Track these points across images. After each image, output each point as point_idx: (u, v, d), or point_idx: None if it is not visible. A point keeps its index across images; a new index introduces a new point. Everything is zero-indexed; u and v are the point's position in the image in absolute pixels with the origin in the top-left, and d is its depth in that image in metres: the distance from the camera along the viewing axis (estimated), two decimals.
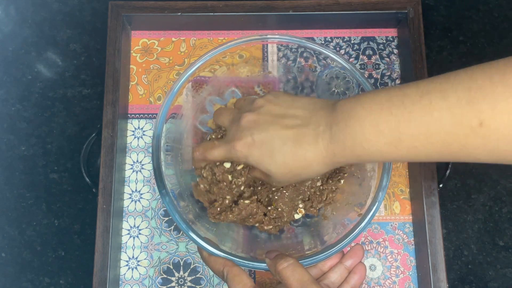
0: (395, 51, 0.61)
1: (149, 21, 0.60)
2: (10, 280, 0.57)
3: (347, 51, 0.61)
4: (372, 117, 0.37)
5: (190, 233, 0.45)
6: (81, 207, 0.59)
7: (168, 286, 0.55)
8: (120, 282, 0.55)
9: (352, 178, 0.52)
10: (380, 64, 0.61)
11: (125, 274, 0.55)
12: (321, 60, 0.51)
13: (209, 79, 0.53)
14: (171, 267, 0.56)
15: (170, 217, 0.57)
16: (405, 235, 0.56)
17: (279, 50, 0.59)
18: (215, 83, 0.54)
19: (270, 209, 0.50)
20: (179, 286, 0.55)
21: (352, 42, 0.61)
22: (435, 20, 0.64)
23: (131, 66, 0.61)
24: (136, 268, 0.56)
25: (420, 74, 0.56)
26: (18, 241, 0.58)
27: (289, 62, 0.56)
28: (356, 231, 0.45)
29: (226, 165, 0.49)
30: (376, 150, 0.37)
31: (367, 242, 0.56)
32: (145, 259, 0.56)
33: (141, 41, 0.62)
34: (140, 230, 0.56)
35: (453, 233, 0.58)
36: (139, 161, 0.58)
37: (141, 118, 0.59)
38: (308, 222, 0.53)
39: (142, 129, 0.59)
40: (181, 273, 0.56)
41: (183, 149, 0.52)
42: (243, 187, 0.49)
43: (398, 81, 0.60)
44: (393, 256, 0.55)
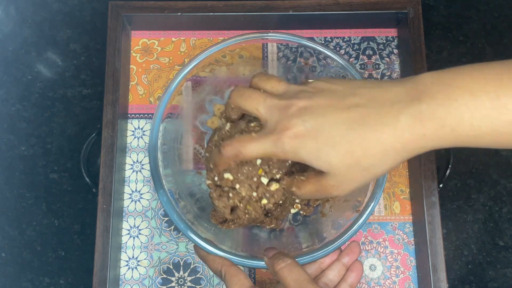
0: (395, 51, 0.61)
1: (149, 21, 0.60)
2: (10, 280, 0.57)
3: (347, 51, 0.61)
4: (490, 88, 0.30)
5: (189, 233, 0.45)
6: (81, 207, 0.59)
7: (168, 286, 0.55)
8: (120, 282, 0.55)
9: None
10: (380, 64, 0.61)
11: (125, 274, 0.55)
12: (321, 60, 0.51)
13: (209, 78, 0.53)
14: (171, 267, 0.56)
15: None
16: (405, 235, 0.56)
17: (279, 49, 0.59)
18: (214, 83, 0.54)
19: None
20: (179, 286, 0.55)
21: (352, 42, 0.61)
22: (435, 20, 0.64)
23: (131, 66, 0.61)
24: (136, 268, 0.56)
25: None
26: (18, 241, 0.58)
27: (289, 61, 0.56)
28: (354, 227, 0.45)
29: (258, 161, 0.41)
30: (492, 130, 0.30)
31: (367, 242, 0.56)
32: (145, 259, 0.56)
33: (141, 41, 0.62)
34: (140, 230, 0.56)
35: (453, 233, 0.58)
36: (139, 161, 0.58)
37: (141, 118, 0.59)
38: (306, 220, 0.53)
39: (142, 129, 0.59)
40: (181, 273, 0.56)
41: (182, 149, 0.52)
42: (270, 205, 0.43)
43: None
44: (393, 256, 0.55)
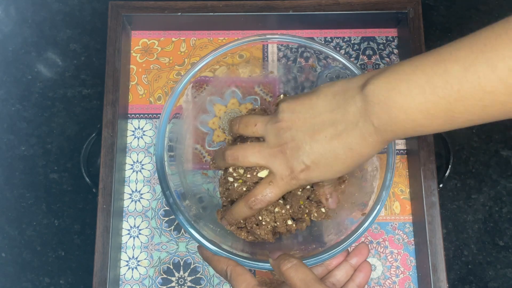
0: (395, 51, 0.61)
1: (149, 21, 0.60)
2: (10, 280, 0.57)
3: (347, 51, 0.61)
4: (415, 103, 0.35)
5: (194, 233, 0.45)
6: (81, 207, 0.59)
7: (168, 286, 0.55)
8: (120, 282, 0.55)
9: (353, 178, 0.51)
10: (380, 64, 0.61)
11: (125, 274, 0.55)
12: (321, 60, 0.51)
13: (210, 79, 0.53)
14: (171, 267, 0.56)
15: (170, 217, 0.57)
16: (405, 235, 0.56)
17: (279, 50, 0.59)
18: (215, 83, 0.54)
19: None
20: (179, 286, 0.55)
21: (352, 42, 0.61)
22: (435, 20, 0.64)
23: (131, 66, 0.61)
24: (136, 268, 0.56)
25: None
26: (18, 241, 0.58)
27: (289, 62, 0.56)
28: (360, 230, 0.45)
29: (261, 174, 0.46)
30: (431, 129, 0.37)
31: (367, 242, 0.56)
32: (145, 259, 0.56)
33: (141, 41, 0.62)
34: (140, 230, 0.56)
35: (453, 233, 0.58)
36: (139, 161, 0.58)
37: (141, 118, 0.59)
38: (311, 223, 0.53)
39: (142, 129, 0.59)
40: (181, 273, 0.56)
41: (185, 149, 0.52)
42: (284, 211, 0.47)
43: None
44: (393, 256, 0.56)
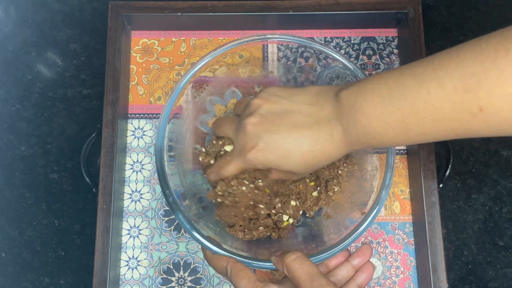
0: (395, 51, 0.61)
1: (149, 21, 0.60)
2: (10, 280, 0.57)
3: (347, 51, 0.61)
4: (376, 111, 0.38)
5: (194, 232, 0.45)
6: (81, 207, 0.59)
7: (168, 286, 0.55)
8: (120, 282, 0.55)
9: (353, 178, 0.52)
10: (380, 64, 0.61)
11: (125, 274, 0.55)
12: (321, 60, 0.51)
13: (210, 79, 0.53)
14: (171, 267, 0.56)
15: (170, 217, 0.57)
16: (405, 235, 0.56)
17: (279, 50, 0.59)
18: (215, 83, 0.54)
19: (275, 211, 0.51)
20: (179, 286, 0.55)
21: (352, 42, 0.61)
22: (435, 20, 0.64)
23: (131, 66, 0.61)
24: (136, 268, 0.56)
25: None
26: (18, 241, 0.58)
27: (289, 62, 0.56)
28: (360, 229, 0.45)
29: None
30: (388, 139, 0.39)
31: (367, 242, 0.56)
32: (145, 259, 0.56)
33: (141, 41, 0.62)
34: (140, 230, 0.56)
35: (453, 233, 0.58)
36: (139, 161, 0.58)
37: (141, 118, 0.59)
38: (309, 222, 0.53)
39: (142, 129, 0.59)
40: (181, 273, 0.55)
41: (185, 149, 0.52)
42: (267, 190, 0.48)
43: None
44: (393, 256, 0.56)
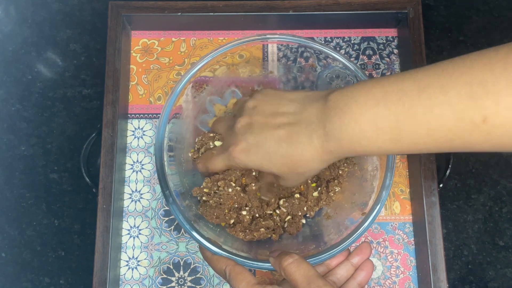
0: (395, 51, 0.61)
1: (149, 21, 0.60)
2: (10, 280, 0.57)
3: (347, 51, 0.61)
4: (368, 114, 0.35)
5: (194, 233, 0.45)
6: (81, 207, 0.59)
7: (168, 286, 0.55)
8: (120, 282, 0.55)
9: (353, 178, 0.51)
10: (380, 64, 0.61)
11: (125, 274, 0.55)
12: (321, 60, 0.51)
13: (210, 79, 0.53)
14: (171, 267, 0.56)
15: (170, 217, 0.57)
16: (405, 235, 0.56)
17: (279, 50, 0.59)
18: (215, 83, 0.54)
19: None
20: (179, 286, 0.55)
21: (352, 42, 0.61)
22: (435, 20, 0.64)
23: (131, 66, 0.61)
24: (136, 268, 0.55)
25: None
26: (18, 241, 0.58)
27: (289, 62, 0.56)
28: (360, 230, 0.45)
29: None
30: (375, 146, 0.36)
31: (366, 241, 0.56)
32: (145, 259, 0.56)
33: (141, 41, 0.62)
34: (140, 230, 0.56)
35: (453, 233, 0.58)
36: (139, 161, 0.58)
37: (141, 118, 0.59)
38: (309, 222, 0.53)
39: (142, 129, 0.59)
40: (181, 273, 0.55)
41: (185, 149, 0.52)
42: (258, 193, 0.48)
43: None
44: (393, 256, 0.55)
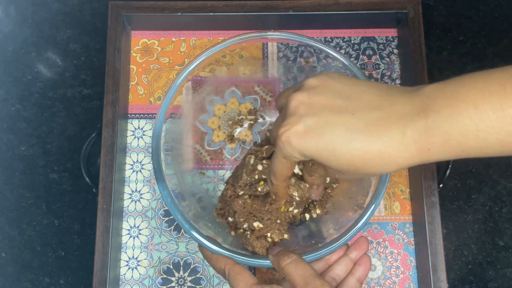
0: (395, 51, 0.61)
1: (149, 21, 0.60)
2: (10, 280, 0.57)
3: (347, 51, 0.61)
4: (494, 99, 0.29)
5: (193, 232, 0.45)
6: (81, 207, 0.59)
7: (168, 286, 0.55)
8: (120, 282, 0.55)
9: None
10: (380, 64, 0.61)
11: (125, 274, 0.55)
12: (321, 59, 0.51)
13: (209, 78, 0.53)
14: (171, 267, 0.56)
15: (170, 217, 0.57)
16: (405, 235, 0.56)
17: (279, 49, 0.59)
18: (215, 82, 0.54)
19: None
20: (179, 286, 0.55)
21: (352, 42, 0.61)
22: (435, 20, 0.64)
23: (131, 66, 0.61)
24: (136, 268, 0.56)
25: (420, 74, 0.56)
26: (18, 241, 0.58)
27: (289, 61, 0.56)
28: (358, 224, 0.45)
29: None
30: (497, 140, 0.29)
31: (363, 236, 0.56)
32: (145, 259, 0.56)
33: (141, 41, 0.62)
34: (140, 230, 0.56)
35: (453, 233, 0.58)
36: (139, 161, 0.58)
37: (141, 118, 0.59)
38: (308, 218, 0.53)
39: (142, 129, 0.59)
40: (181, 273, 0.55)
41: (183, 148, 0.52)
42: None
43: (398, 81, 0.60)
44: (393, 256, 0.55)
